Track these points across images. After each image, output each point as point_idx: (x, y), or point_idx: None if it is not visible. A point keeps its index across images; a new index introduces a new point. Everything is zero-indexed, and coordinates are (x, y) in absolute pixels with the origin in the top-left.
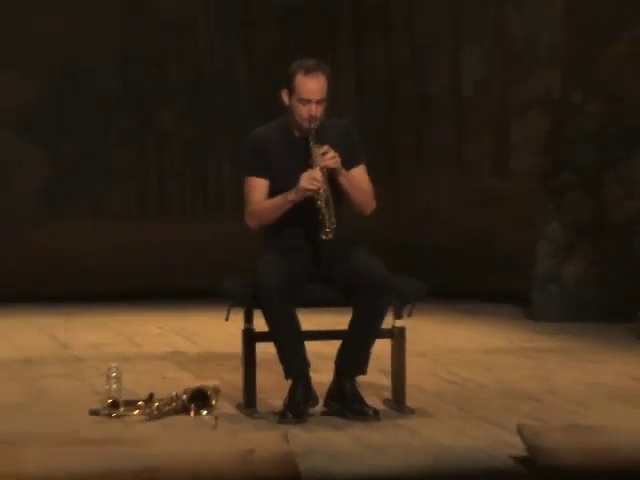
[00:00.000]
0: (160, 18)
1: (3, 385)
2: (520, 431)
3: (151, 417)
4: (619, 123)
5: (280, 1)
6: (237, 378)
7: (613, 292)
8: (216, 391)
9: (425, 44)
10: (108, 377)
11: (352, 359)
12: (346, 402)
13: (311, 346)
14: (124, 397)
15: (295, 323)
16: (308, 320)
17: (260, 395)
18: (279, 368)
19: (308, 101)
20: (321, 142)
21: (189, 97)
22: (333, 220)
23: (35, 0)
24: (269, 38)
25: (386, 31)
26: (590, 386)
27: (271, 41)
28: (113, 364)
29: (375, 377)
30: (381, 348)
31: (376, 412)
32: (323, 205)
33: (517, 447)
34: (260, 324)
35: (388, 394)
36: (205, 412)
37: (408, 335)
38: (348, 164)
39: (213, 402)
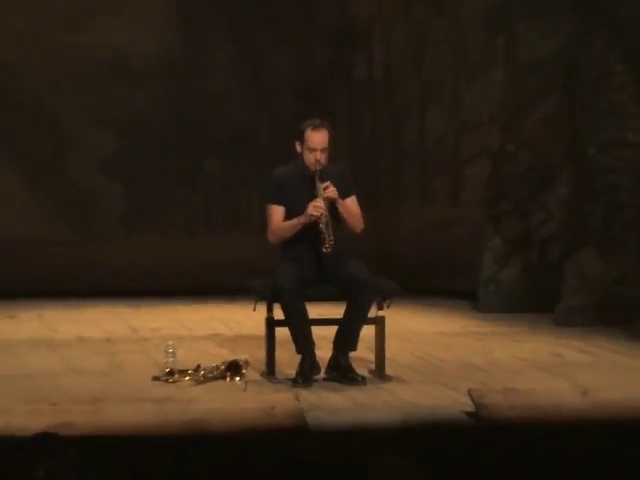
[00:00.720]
0: (207, 90)
1: (91, 358)
2: (470, 393)
3: (198, 382)
4: (540, 167)
5: (294, 78)
6: (261, 353)
7: (537, 290)
8: (246, 363)
9: (399, 110)
10: (166, 352)
11: (346, 339)
12: (341, 371)
13: (315, 330)
14: (178, 367)
15: (304, 313)
16: (313, 311)
17: (278, 366)
18: (292, 346)
19: (314, 150)
20: (324, 179)
21: (227, 148)
22: (332, 238)
23: (117, 82)
24: (286, 105)
25: (371, 100)
26: (521, 360)
27: (287, 107)
28: (170, 342)
29: (363, 353)
30: (367, 332)
31: (363, 378)
32: (324, 227)
33: (467, 405)
34: (278, 314)
35: (372, 365)
36: (238, 378)
37: (387, 322)
38: (343, 195)
39: (244, 371)
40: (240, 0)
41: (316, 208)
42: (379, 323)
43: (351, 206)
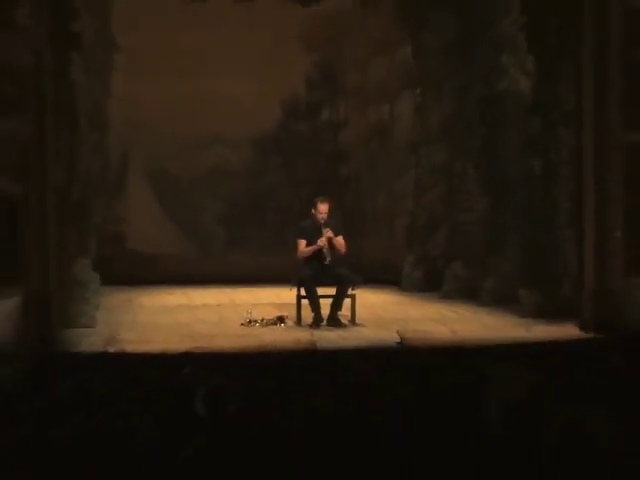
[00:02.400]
0: (266, 182)
1: (209, 314)
2: (398, 332)
3: (263, 326)
4: (434, 221)
5: (310, 176)
6: (294, 312)
7: (432, 281)
8: (287, 317)
9: (364, 192)
10: (247, 311)
11: (336, 305)
12: (334, 321)
13: (321, 301)
14: (253, 318)
15: (315, 292)
16: (320, 291)
17: (303, 319)
18: (309, 309)
19: (321, 213)
20: (326, 227)
21: (277, 211)
22: (329, 256)
23: (221, 177)
24: (306, 189)
25: (349, 187)
26: (423, 316)
27: (307, 190)
28: (249, 306)
29: (345, 312)
30: (347, 302)
31: (345, 325)
32: (326, 251)
33: (397, 338)
34: (303, 292)
35: (349, 318)
36: (283, 325)
37: (357, 297)
38: (336, 235)
39: (286, 321)
40: (283, 135)
41: (322, 242)
42: (352, 297)
43: (340, 241)
